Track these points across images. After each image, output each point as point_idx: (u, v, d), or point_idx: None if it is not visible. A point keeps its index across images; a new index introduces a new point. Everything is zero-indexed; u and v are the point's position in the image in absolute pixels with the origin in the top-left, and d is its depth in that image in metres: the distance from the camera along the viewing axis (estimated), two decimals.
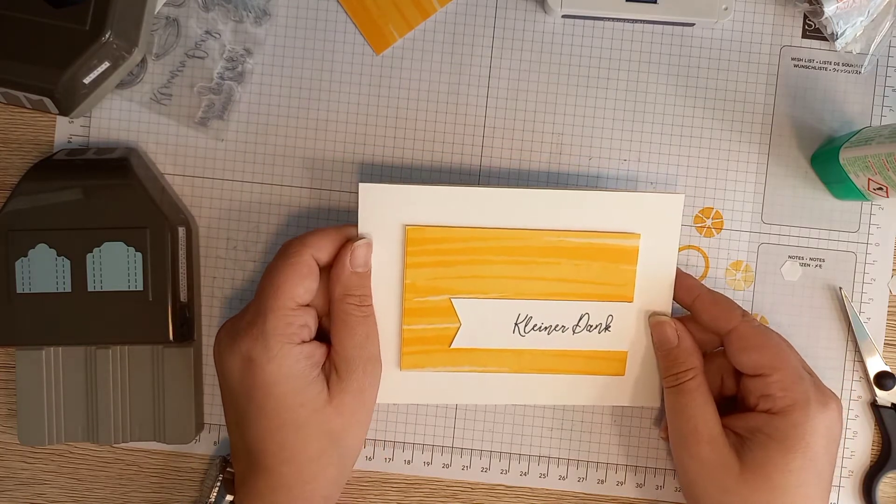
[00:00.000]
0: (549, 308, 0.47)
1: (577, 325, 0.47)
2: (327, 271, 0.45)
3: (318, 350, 0.44)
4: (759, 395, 0.44)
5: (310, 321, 0.44)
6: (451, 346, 0.47)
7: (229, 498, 0.45)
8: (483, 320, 0.46)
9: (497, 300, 0.46)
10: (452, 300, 0.46)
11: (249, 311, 0.43)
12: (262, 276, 0.43)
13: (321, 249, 0.44)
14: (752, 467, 0.43)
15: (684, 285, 0.47)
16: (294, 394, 0.42)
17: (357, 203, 0.45)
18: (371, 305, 0.45)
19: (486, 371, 0.47)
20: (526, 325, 0.47)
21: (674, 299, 0.47)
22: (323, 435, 0.43)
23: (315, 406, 0.43)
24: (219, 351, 0.44)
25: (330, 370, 0.44)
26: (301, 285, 0.43)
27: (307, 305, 0.44)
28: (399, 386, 0.47)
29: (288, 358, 0.42)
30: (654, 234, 0.46)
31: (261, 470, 0.43)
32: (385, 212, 0.45)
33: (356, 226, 0.45)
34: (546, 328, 0.47)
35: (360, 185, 0.44)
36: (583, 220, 0.46)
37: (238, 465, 0.45)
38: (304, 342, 0.43)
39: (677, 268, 0.47)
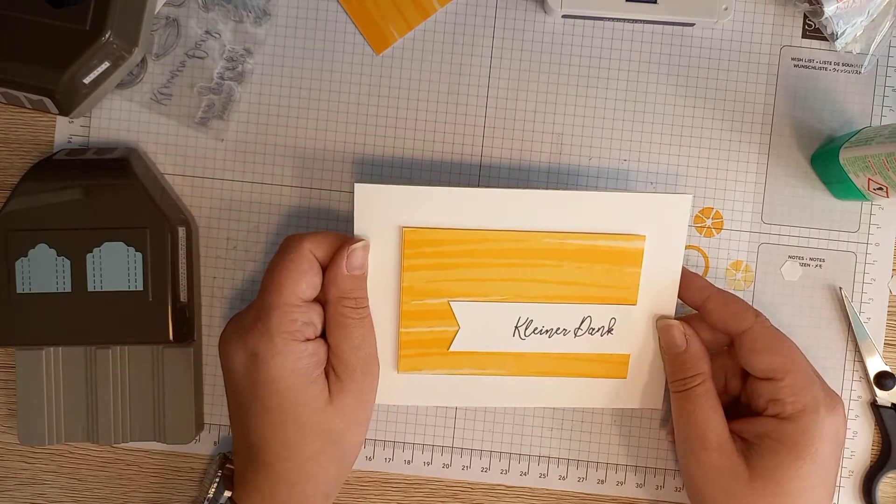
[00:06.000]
0: (551, 311, 0.46)
1: (578, 328, 0.46)
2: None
3: (322, 349, 0.44)
4: (769, 398, 0.44)
5: (315, 318, 0.43)
6: (450, 350, 0.46)
7: (227, 494, 0.46)
8: (482, 324, 0.46)
9: (497, 303, 0.46)
10: (451, 303, 0.46)
11: (254, 307, 0.43)
12: (265, 273, 0.43)
13: (320, 247, 0.43)
14: (762, 474, 0.42)
15: (694, 286, 0.46)
16: (296, 390, 0.42)
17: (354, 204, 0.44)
18: (367, 307, 0.45)
19: (485, 374, 0.47)
20: (526, 329, 0.46)
21: (683, 300, 0.47)
22: (323, 434, 0.43)
23: (316, 405, 0.43)
24: (224, 347, 0.44)
25: (329, 371, 0.44)
26: (303, 280, 0.42)
27: (314, 301, 0.44)
28: (397, 388, 0.47)
29: (292, 354, 0.42)
30: (660, 236, 0.46)
31: (261, 465, 0.43)
32: (381, 213, 0.44)
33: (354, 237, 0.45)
34: (547, 331, 0.46)
35: (356, 185, 0.44)
36: (586, 221, 0.45)
37: (239, 460, 0.45)
38: (308, 340, 0.43)
39: (685, 268, 0.47)
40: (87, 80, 0.45)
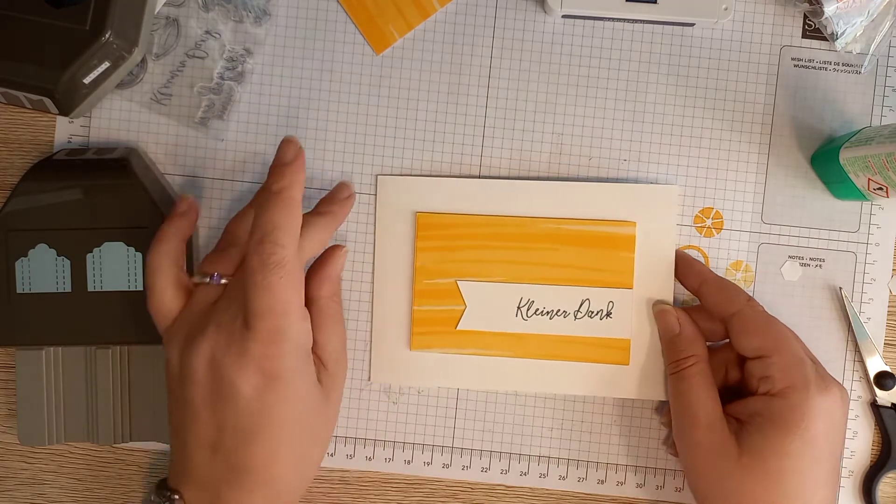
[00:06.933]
0: (551, 293, 0.49)
1: (577, 310, 0.49)
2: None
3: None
4: (760, 377, 0.44)
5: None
6: (458, 328, 0.49)
7: None
8: (487, 303, 0.49)
9: (500, 283, 0.49)
10: (458, 283, 0.49)
11: (256, 329, 0.40)
12: (254, 292, 0.40)
13: (289, 244, 0.41)
14: (751, 452, 0.43)
15: (692, 270, 0.48)
16: (309, 399, 0.43)
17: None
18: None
19: (490, 354, 0.49)
20: (528, 309, 0.49)
21: (682, 283, 0.49)
22: (321, 431, 0.44)
23: (318, 407, 0.43)
24: (226, 372, 0.41)
25: (319, 366, 0.44)
26: (302, 288, 0.43)
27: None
28: (408, 368, 0.49)
29: (309, 366, 0.43)
30: (651, 224, 0.49)
31: (265, 480, 0.41)
32: (399, 200, 0.49)
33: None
34: (548, 313, 0.49)
35: (379, 177, 0.49)
36: (580, 208, 0.49)
37: (203, 494, 0.42)
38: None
39: (686, 254, 0.49)
40: (87, 80, 0.45)
